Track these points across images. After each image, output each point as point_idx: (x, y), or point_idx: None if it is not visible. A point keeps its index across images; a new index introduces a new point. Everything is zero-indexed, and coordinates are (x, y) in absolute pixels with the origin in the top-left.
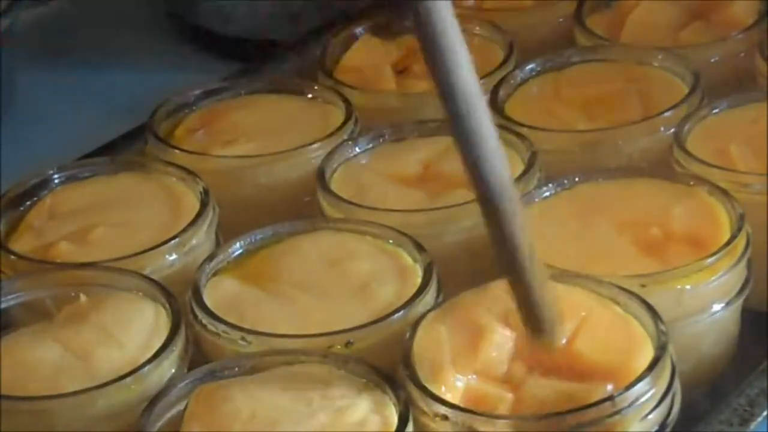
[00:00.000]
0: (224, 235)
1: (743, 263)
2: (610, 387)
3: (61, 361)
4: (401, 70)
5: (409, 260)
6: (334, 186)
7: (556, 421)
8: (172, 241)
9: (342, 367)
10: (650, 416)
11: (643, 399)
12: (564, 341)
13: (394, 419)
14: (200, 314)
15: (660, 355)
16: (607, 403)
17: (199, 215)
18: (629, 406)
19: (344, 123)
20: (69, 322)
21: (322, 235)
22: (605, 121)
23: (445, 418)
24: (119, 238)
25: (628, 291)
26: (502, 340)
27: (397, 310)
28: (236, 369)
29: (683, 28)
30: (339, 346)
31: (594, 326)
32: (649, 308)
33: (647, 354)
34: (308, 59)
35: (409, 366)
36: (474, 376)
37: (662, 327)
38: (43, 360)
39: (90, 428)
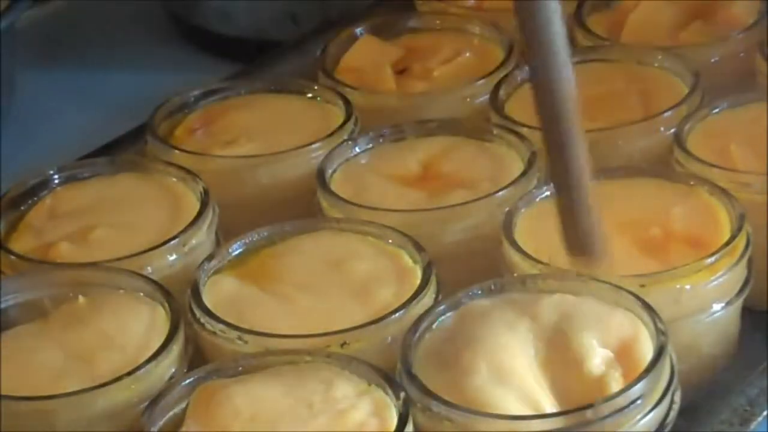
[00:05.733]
0: (224, 235)
1: (743, 263)
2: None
3: (63, 364)
4: (401, 70)
5: (409, 261)
6: (334, 186)
7: (555, 421)
8: (172, 241)
9: (345, 368)
10: (649, 416)
11: (642, 398)
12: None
13: (395, 421)
14: (198, 313)
15: (659, 355)
16: (606, 403)
17: (199, 215)
18: (628, 405)
19: (344, 123)
20: (68, 324)
21: (322, 235)
22: (605, 121)
23: (447, 418)
24: (119, 238)
25: (627, 291)
26: None
27: (394, 312)
28: (239, 368)
29: (683, 28)
30: (335, 347)
31: None
32: (648, 308)
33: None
34: (308, 59)
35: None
36: None
37: (661, 326)
38: (43, 363)
39: (90, 428)
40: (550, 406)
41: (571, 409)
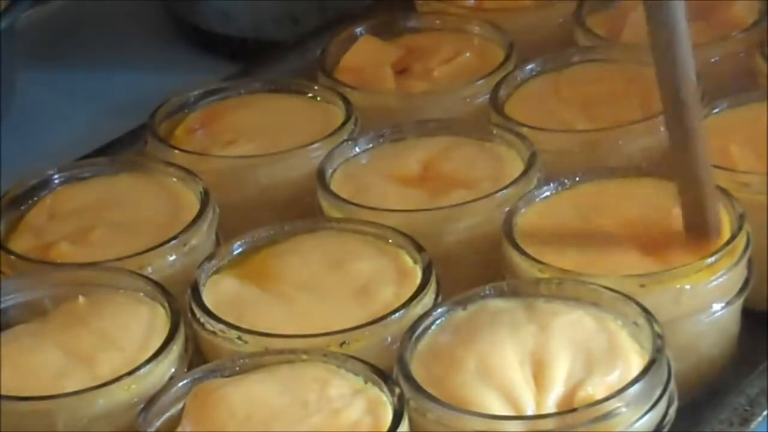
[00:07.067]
0: (224, 235)
1: (743, 263)
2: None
3: (63, 364)
4: (401, 70)
5: (409, 261)
6: (334, 186)
7: (552, 422)
8: (172, 242)
9: (341, 366)
10: (645, 419)
11: (638, 401)
12: None
13: (389, 419)
14: (198, 313)
15: (655, 358)
16: (602, 405)
17: (199, 215)
18: (624, 408)
19: (344, 123)
20: (68, 324)
21: (322, 235)
22: (605, 121)
23: (431, 413)
24: (119, 238)
25: (623, 294)
26: None
27: (394, 312)
28: (236, 368)
29: None
30: (335, 347)
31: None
32: (644, 311)
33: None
34: (308, 59)
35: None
36: None
37: (658, 329)
38: (43, 363)
39: (90, 428)
40: (533, 407)
41: (566, 411)
